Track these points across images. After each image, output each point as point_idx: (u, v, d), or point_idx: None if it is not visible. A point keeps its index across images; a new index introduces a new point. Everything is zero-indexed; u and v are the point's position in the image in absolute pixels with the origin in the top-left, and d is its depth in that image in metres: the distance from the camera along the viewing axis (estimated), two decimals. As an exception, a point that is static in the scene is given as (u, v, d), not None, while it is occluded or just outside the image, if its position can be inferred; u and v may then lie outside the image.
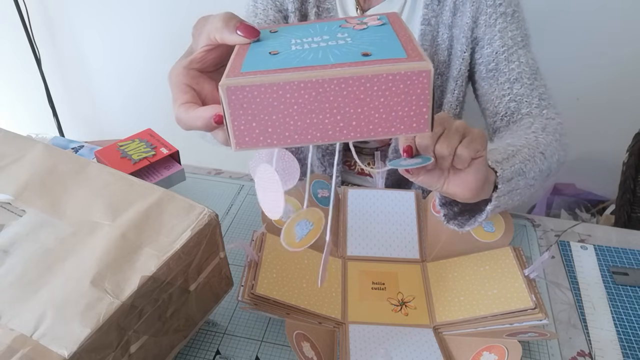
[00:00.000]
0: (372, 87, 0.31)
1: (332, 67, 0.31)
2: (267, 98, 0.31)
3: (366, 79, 0.31)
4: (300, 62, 0.33)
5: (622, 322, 0.61)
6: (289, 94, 0.31)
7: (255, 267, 0.60)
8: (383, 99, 0.32)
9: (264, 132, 0.33)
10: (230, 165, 0.91)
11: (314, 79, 0.31)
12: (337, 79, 0.31)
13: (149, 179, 0.74)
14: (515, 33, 0.77)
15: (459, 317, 0.59)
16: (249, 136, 0.33)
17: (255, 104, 0.32)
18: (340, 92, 0.31)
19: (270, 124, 0.32)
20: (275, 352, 0.58)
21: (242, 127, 0.33)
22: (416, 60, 0.31)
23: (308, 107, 0.32)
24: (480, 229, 0.67)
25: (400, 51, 0.33)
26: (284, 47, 0.36)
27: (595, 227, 0.75)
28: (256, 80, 0.31)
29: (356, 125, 0.32)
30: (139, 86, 1.78)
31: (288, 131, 0.33)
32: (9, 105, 2.00)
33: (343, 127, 0.33)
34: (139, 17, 1.63)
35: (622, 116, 1.43)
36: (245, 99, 0.32)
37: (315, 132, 0.33)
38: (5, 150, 0.60)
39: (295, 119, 0.32)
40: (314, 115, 0.32)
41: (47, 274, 0.46)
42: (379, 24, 0.39)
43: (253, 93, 0.31)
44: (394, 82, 0.31)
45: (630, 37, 1.32)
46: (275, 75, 0.31)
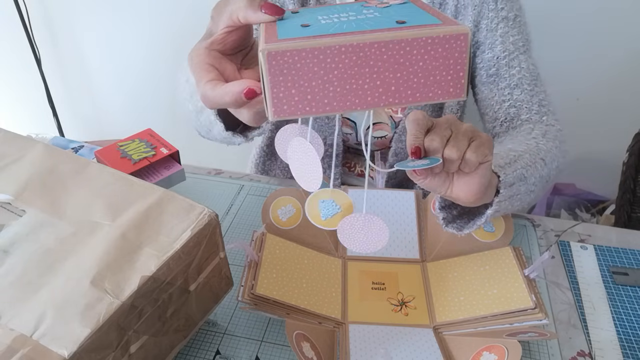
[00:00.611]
0: (411, 51, 0.32)
1: (371, 32, 0.32)
2: (308, 63, 0.31)
3: (406, 43, 0.32)
4: (337, 30, 0.33)
5: (622, 322, 0.61)
6: (330, 59, 0.31)
7: (255, 267, 0.60)
8: (422, 62, 0.32)
9: (303, 99, 0.33)
10: (230, 165, 0.91)
11: (355, 42, 0.31)
12: (377, 43, 0.31)
13: (149, 179, 0.74)
14: (516, 38, 0.77)
15: (459, 317, 0.59)
16: (287, 104, 0.33)
17: (295, 69, 0.32)
18: (380, 56, 0.32)
19: (310, 91, 0.32)
20: (275, 352, 0.58)
21: (281, 94, 0.32)
22: (453, 24, 0.32)
23: (348, 72, 0.32)
24: (480, 229, 0.67)
25: (433, 19, 0.33)
26: (314, 21, 0.36)
27: (595, 227, 0.75)
28: (297, 45, 0.31)
29: (395, 90, 0.33)
30: (139, 86, 1.78)
31: (327, 98, 0.33)
32: (9, 105, 2.00)
33: (382, 93, 0.33)
34: (139, 17, 1.63)
35: (622, 116, 1.43)
36: (286, 65, 0.31)
37: (354, 99, 0.33)
38: (5, 150, 0.60)
39: (334, 84, 0.32)
40: (354, 80, 0.32)
41: (47, 274, 0.46)
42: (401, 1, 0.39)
43: (294, 58, 0.31)
44: (433, 45, 0.32)
45: (630, 38, 1.32)
46: (316, 40, 0.31)
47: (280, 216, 0.68)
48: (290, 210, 0.69)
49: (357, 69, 0.32)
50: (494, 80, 0.78)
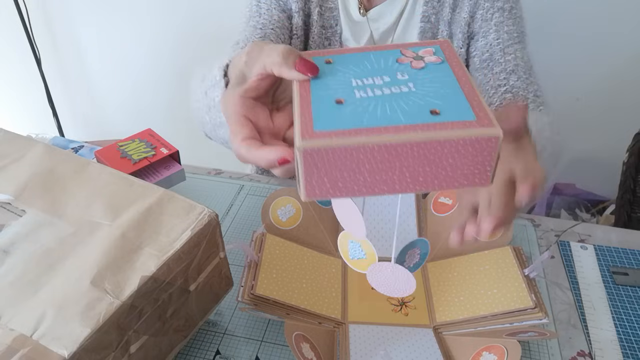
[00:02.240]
0: (442, 150, 0.33)
1: (404, 129, 0.33)
2: (341, 158, 0.33)
3: (438, 143, 0.33)
4: (372, 120, 0.34)
5: (622, 322, 0.61)
6: (362, 155, 0.33)
7: (255, 268, 0.60)
8: (452, 159, 0.33)
9: (334, 185, 0.34)
10: (230, 165, 0.91)
11: (388, 143, 0.32)
12: (410, 144, 0.32)
13: (149, 179, 0.74)
14: (511, 28, 0.77)
15: (459, 317, 0.59)
16: (318, 189, 0.34)
17: (329, 163, 0.33)
18: (411, 154, 0.33)
19: (341, 179, 0.34)
20: (275, 352, 0.58)
21: (314, 182, 0.34)
22: (486, 125, 0.33)
23: (379, 165, 0.33)
24: (480, 229, 0.67)
25: (468, 111, 0.34)
26: (347, 93, 0.37)
27: (595, 227, 0.75)
28: (332, 144, 0.32)
29: (422, 180, 0.34)
30: (139, 86, 1.78)
31: (357, 185, 0.34)
32: (9, 105, 2.00)
33: (410, 182, 0.34)
34: (138, 17, 1.63)
35: (622, 116, 1.43)
36: (320, 159, 0.33)
37: (382, 186, 0.34)
38: (5, 150, 0.60)
39: (365, 175, 0.34)
40: (384, 172, 0.34)
41: (47, 274, 0.46)
42: (436, 61, 0.39)
43: (328, 154, 0.33)
44: (464, 146, 0.33)
45: (631, 37, 1.32)
46: (350, 138, 0.33)
47: (280, 216, 0.68)
48: (290, 210, 0.69)
49: (388, 164, 0.33)
50: (487, 64, 0.77)
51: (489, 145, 0.33)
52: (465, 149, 0.33)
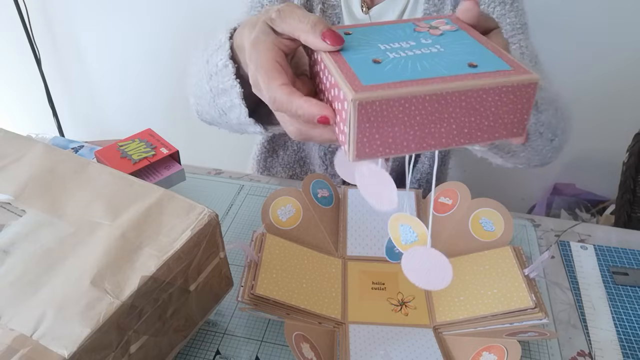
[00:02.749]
0: (487, 98, 0.34)
1: (450, 79, 0.34)
2: (394, 111, 0.33)
3: (484, 91, 0.34)
4: (415, 73, 0.35)
5: (622, 322, 0.61)
6: (414, 107, 0.33)
7: (255, 268, 0.60)
8: (494, 108, 0.35)
9: (385, 143, 0.34)
10: (230, 165, 0.91)
11: (439, 91, 0.33)
12: (459, 92, 0.34)
13: (149, 179, 0.74)
14: (513, 20, 0.77)
15: (459, 317, 0.59)
16: (369, 147, 0.34)
17: (382, 116, 0.33)
18: (459, 103, 0.34)
19: (392, 135, 0.34)
20: (275, 352, 0.58)
21: (366, 139, 0.34)
22: (523, 72, 0.35)
23: (429, 117, 0.34)
24: (480, 229, 0.67)
25: (502, 63, 0.36)
26: (381, 55, 0.37)
27: (595, 227, 0.75)
28: (386, 95, 0.33)
29: (467, 132, 0.35)
30: (139, 86, 1.78)
31: (407, 141, 0.35)
32: (9, 105, 2.00)
33: (456, 135, 0.35)
34: (139, 17, 1.63)
35: (622, 116, 1.43)
36: (373, 113, 0.33)
37: (430, 141, 0.35)
38: (5, 150, 0.60)
39: (415, 129, 0.34)
40: (433, 125, 0.34)
41: (47, 274, 0.46)
42: (451, 29, 0.41)
43: (382, 107, 0.33)
44: (506, 93, 0.34)
45: (631, 37, 1.32)
46: (402, 89, 0.33)
47: (280, 216, 0.68)
48: (290, 210, 0.69)
49: (438, 115, 0.34)
50: None
51: (529, 90, 0.35)
52: (507, 96, 0.34)
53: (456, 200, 0.70)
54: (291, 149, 0.96)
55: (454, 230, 0.68)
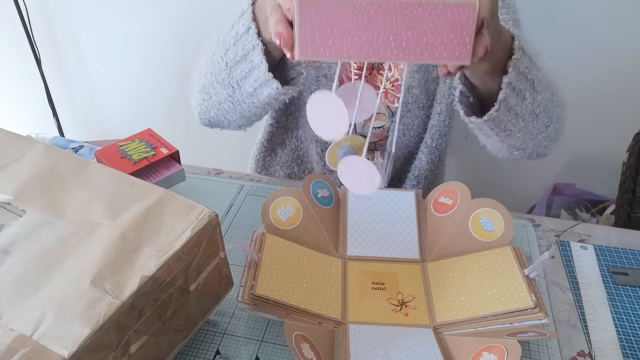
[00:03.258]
0: (423, 12, 0.36)
1: None
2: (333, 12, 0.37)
3: (418, 4, 0.36)
4: None
5: (622, 322, 0.61)
6: (351, 11, 0.36)
7: (255, 268, 0.60)
8: (432, 24, 0.37)
9: (325, 43, 0.38)
10: (230, 165, 0.91)
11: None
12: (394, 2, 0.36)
13: (149, 179, 0.74)
14: (505, 17, 0.78)
15: (459, 317, 0.59)
16: (311, 45, 0.38)
17: (321, 16, 0.37)
18: (395, 13, 0.36)
19: (331, 37, 0.37)
20: (275, 352, 0.58)
21: (307, 36, 0.38)
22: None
23: (365, 24, 0.37)
24: (480, 229, 0.67)
25: None
26: None
27: (595, 227, 0.75)
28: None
29: (405, 47, 0.38)
30: (139, 86, 1.78)
31: (345, 45, 0.38)
32: (9, 105, 2.00)
33: (394, 47, 0.38)
34: (139, 16, 1.63)
35: (622, 116, 1.43)
36: (314, 12, 0.37)
37: (368, 50, 0.38)
38: (5, 150, 0.60)
39: (353, 34, 0.37)
40: (370, 32, 0.37)
41: (47, 274, 0.46)
42: None
43: (321, 6, 0.37)
44: (442, 9, 0.36)
45: (631, 37, 1.32)
46: None
47: (280, 216, 0.68)
48: (290, 210, 0.69)
49: (374, 23, 0.37)
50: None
51: (466, 12, 0.37)
52: (444, 14, 0.37)
53: (456, 200, 0.70)
54: (289, 148, 0.96)
55: (454, 230, 0.68)
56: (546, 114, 0.67)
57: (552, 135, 0.72)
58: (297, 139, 0.95)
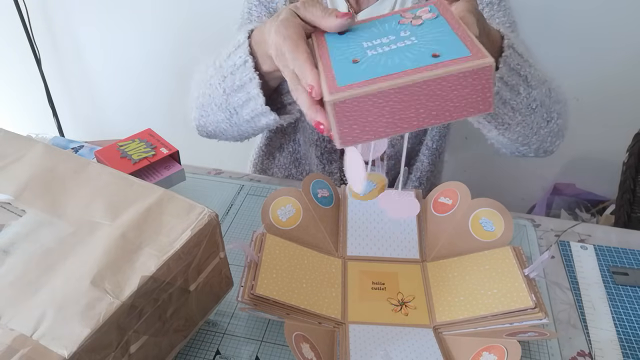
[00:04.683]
0: (447, 84, 0.39)
1: (413, 72, 0.39)
2: (365, 105, 0.39)
3: (442, 79, 0.38)
4: (384, 69, 0.40)
5: (622, 322, 0.61)
6: (382, 100, 0.39)
7: (255, 268, 0.60)
8: (456, 91, 0.39)
9: (363, 130, 0.40)
10: (230, 165, 0.91)
11: (402, 85, 0.39)
12: (419, 83, 0.38)
13: (149, 179, 0.74)
14: (502, 20, 0.79)
15: (459, 317, 0.59)
16: (350, 135, 0.41)
17: (355, 111, 0.39)
18: (422, 91, 0.39)
19: (367, 124, 0.40)
20: (275, 352, 0.58)
21: (346, 130, 0.40)
22: (479, 57, 0.39)
23: (397, 106, 0.39)
24: (480, 229, 0.67)
25: (463, 49, 0.40)
26: (361, 53, 0.43)
27: (595, 227, 0.75)
28: (355, 93, 0.39)
29: (435, 114, 0.40)
30: (139, 86, 1.78)
31: (381, 127, 0.40)
32: (9, 105, 2.00)
33: (425, 117, 0.40)
34: (139, 16, 1.63)
35: (622, 116, 1.43)
36: (347, 109, 0.39)
37: (403, 124, 0.40)
38: (5, 150, 0.60)
39: (387, 117, 0.40)
40: (402, 112, 0.40)
41: (47, 274, 0.46)
42: (431, 17, 0.46)
43: (354, 104, 0.39)
44: (464, 77, 0.38)
45: (631, 37, 1.32)
46: (370, 86, 0.39)
47: (280, 216, 0.68)
48: (290, 210, 0.69)
49: (404, 104, 0.39)
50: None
51: (485, 73, 0.39)
52: (466, 80, 0.39)
53: (456, 200, 0.70)
54: (287, 151, 0.97)
55: (454, 230, 0.68)
56: (544, 109, 0.68)
57: (555, 131, 0.72)
58: (295, 142, 0.95)
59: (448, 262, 0.66)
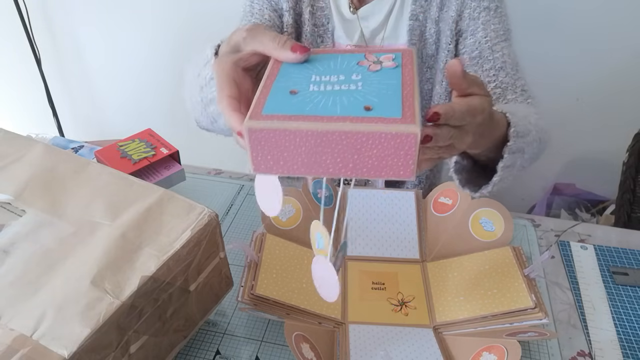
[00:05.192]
0: (367, 141, 0.37)
1: (335, 119, 0.37)
2: (280, 140, 0.38)
3: (362, 134, 0.37)
4: (313, 109, 0.39)
5: (622, 322, 0.61)
6: (298, 139, 0.38)
7: (255, 268, 0.60)
8: (376, 150, 0.37)
9: (277, 163, 0.39)
10: (230, 165, 0.91)
11: (319, 129, 0.37)
12: (337, 132, 0.37)
13: (149, 179, 0.74)
14: (497, 27, 0.79)
15: (459, 317, 0.59)
16: (264, 165, 0.39)
17: (270, 142, 0.38)
18: (340, 142, 0.37)
19: (282, 158, 0.39)
20: (275, 352, 0.58)
21: (259, 157, 0.39)
22: (407, 122, 0.36)
23: (314, 149, 0.38)
24: (480, 229, 0.67)
25: (397, 109, 0.38)
26: (303, 86, 0.42)
27: (595, 227, 0.75)
28: (272, 125, 0.37)
29: (352, 167, 0.38)
30: (139, 86, 1.78)
31: (296, 165, 0.39)
32: (9, 105, 2.00)
33: (342, 167, 0.38)
34: (139, 17, 1.63)
35: (622, 116, 1.43)
36: (263, 138, 0.38)
37: (318, 168, 0.39)
38: (5, 150, 0.60)
39: (302, 157, 0.38)
40: (318, 155, 0.38)
41: (47, 274, 0.46)
42: (392, 66, 0.43)
43: (269, 135, 0.38)
44: (385, 139, 0.37)
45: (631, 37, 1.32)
46: (288, 122, 0.37)
47: (280, 216, 0.68)
48: (290, 210, 0.69)
49: (321, 148, 0.38)
50: (477, 62, 0.80)
51: (408, 141, 0.37)
52: (387, 142, 0.37)
53: (456, 200, 0.70)
54: None
55: (454, 230, 0.68)
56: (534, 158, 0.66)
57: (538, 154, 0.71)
58: None
59: (448, 262, 0.66)
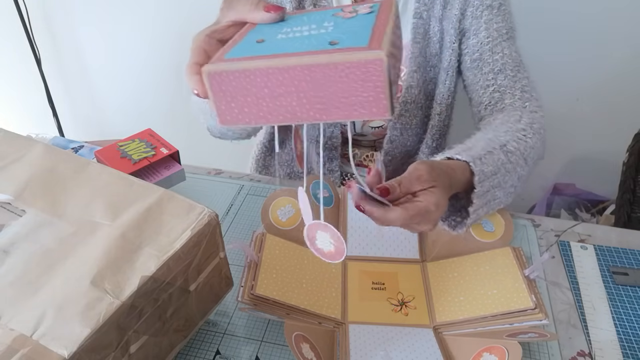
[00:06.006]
0: (330, 74, 0.34)
1: (295, 55, 0.34)
2: (241, 82, 0.35)
3: (324, 66, 0.34)
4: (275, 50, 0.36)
5: (622, 322, 0.61)
6: (259, 79, 0.35)
7: (255, 268, 0.60)
8: (341, 84, 0.34)
9: (242, 112, 0.37)
10: (230, 165, 0.91)
11: (279, 65, 0.34)
12: (299, 67, 0.34)
13: (149, 179, 0.74)
14: (500, 25, 0.79)
15: (459, 317, 0.59)
16: (229, 115, 0.37)
17: (232, 87, 0.36)
18: (303, 78, 0.34)
19: (246, 105, 0.36)
20: (275, 352, 0.58)
21: (223, 107, 0.37)
22: (373, 49, 0.33)
23: (277, 90, 0.35)
24: (480, 229, 0.67)
25: (364, 40, 0.35)
26: (271, 36, 0.39)
27: (595, 227, 0.75)
28: (231, 67, 0.35)
29: (321, 108, 0.35)
30: (139, 86, 1.78)
31: (262, 112, 0.36)
32: (9, 105, 2.00)
33: (309, 109, 0.36)
34: (139, 16, 1.63)
35: (622, 116, 1.43)
36: (223, 82, 0.36)
37: (285, 114, 0.36)
38: (5, 150, 0.60)
39: (267, 100, 0.36)
40: (283, 98, 0.35)
41: (47, 274, 0.46)
42: (366, 12, 0.41)
43: (229, 77, 0.35)
44: (350, 69, 0.33)
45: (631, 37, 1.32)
46: (248, 62, 0.35)
47: (280, 216, 0.68)
48: (290, 210, 0.69)
49: (284, 89, 0.35)
50: (477, 65, 0.80)
51: (375, 68, 0.33)
52: (353, 73, 0.34)
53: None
54: (289, 147, 0.97)
55: (454, 230, 0.68)
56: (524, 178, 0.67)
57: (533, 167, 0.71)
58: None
59: (448, 262, 0.66)
